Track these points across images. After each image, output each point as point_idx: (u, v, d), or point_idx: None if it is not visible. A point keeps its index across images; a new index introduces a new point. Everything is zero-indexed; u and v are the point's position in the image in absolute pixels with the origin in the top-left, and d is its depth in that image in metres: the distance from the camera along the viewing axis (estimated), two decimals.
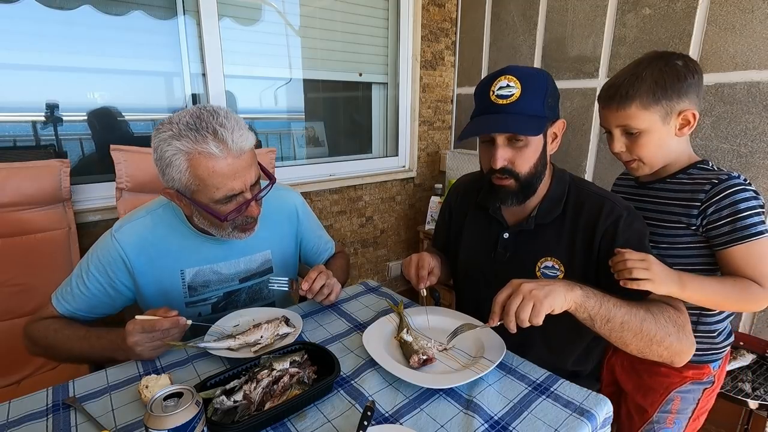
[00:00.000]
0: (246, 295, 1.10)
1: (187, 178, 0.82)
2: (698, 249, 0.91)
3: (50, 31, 1.47)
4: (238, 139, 0.83)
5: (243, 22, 1.88)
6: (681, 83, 0.86)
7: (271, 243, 1.11)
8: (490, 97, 0.87)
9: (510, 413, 0.71)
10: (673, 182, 0.94)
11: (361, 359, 0.86)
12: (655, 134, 0.89)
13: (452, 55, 2.59)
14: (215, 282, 1.04)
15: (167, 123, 0.82)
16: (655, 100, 0.86)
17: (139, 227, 0.96)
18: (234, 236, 0.95)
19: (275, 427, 0.68)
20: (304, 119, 2.25)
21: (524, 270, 0.97)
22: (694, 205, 0.87)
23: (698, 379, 0.97)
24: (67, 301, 0.94)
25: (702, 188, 0.87)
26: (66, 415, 0.71)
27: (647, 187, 0.99)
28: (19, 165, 1.28)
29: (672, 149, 0.92)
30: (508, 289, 0.76)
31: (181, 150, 0.80)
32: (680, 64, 0.87)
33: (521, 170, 0.90)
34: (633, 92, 0.87)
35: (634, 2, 1.73)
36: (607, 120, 0.94)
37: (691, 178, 0.91)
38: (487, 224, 1.05)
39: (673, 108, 0.87)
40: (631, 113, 0.88)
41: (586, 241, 0.91)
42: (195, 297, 1.03)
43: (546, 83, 0.88)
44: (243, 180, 0.86)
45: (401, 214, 2.61)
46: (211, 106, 0.86)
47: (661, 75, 0.86)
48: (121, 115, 1.70)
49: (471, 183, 1.15)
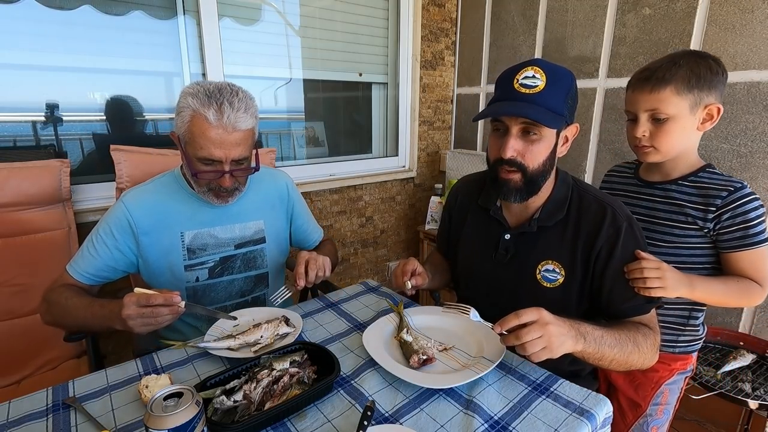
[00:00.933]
0: (241, 261, 1.17)
1: (185, 129, 0.96)
2: (705, 249, 0.96)
3: (50, 31, 1.47)
4: (235, 119, 0.94)
5: (243, 22, 1.88)
6: (713, 77, 0.89)
7: (263, 214, 1.20)
8: (513, 84, 0.86)
9: (510, 413, 0.71)
10: (686, 185, 0.97)
11: (361, 359, 0.86)
12: (680, 122, 0.91)
13: (452, 55, 2.59)
14: (212, 246, 1.12)
15: (196, 84, 0.97)
16: (689, 87, 0.88)
17: (144, 193, 1.07)
18: (208, 197, 1.05)
19: (275, 427, 0.68)
20: (304, 119, 2.25)
21: (524, 272, 0.97)
22: (710, 209, 0.92)
23: (683, 370, 1.06)
24: (78, 264, 1.02)
25: (719, 194, 0.91)
26: (66, 415, 0.71)
27: (655, 187, 1.02)
28: (19, 165, 1.28)
29: (690, 142, 0.95)
30: (533, 316, 0.73)
31: (190, 106, 0.94)
32: (712, 61, 0.90)
33: (530, 164, 0.88)
34: (669, 76, 0.89)
35: (634, 2, 1.73)
36: (636, 103, 0.94)
37: (703, 181, 0.95)
38: (487, 225, 1.04)
39: (702, 99, 0.89)
40: (664, 97, 0.89)
41: (587, 247, 0.91)
42: (194, 260, 1.10)
43: (571, 83, 0.87)
44: (225, 152, 0.96)
45: (401, 214, 2.61)
46: (238, 87, 0.99)
47: (698, 65, 0.89)
48: (132, 113, 1.71)
49: (471, 184, 1.14)
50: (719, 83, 0.90)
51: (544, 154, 0.88)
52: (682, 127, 0.91)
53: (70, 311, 0.94)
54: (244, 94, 0.98)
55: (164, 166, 1.34)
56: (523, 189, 0.91)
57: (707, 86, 0.88)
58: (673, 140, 0.92)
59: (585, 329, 0.78)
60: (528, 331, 0.71)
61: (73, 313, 0.94)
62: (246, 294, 1.20)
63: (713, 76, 0.89)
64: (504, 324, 0.73)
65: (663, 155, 0.95)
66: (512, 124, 0.86)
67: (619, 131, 1.85)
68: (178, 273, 1.08)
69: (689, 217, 0.95)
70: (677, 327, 1.04)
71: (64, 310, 0.95)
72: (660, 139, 0.93)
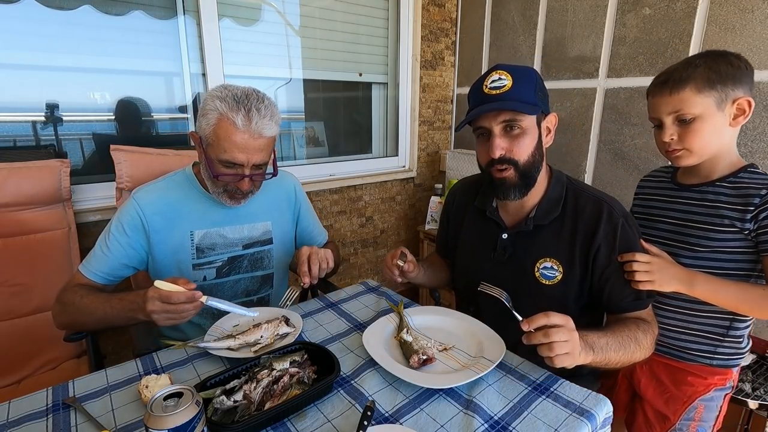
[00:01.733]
0: (248, 261, 1.17)
1: (210, 131, 0.97)
2: (746, 254, 0.89)
3: (50, 31, 1.47)
4: (261, 125, 0.96)
5: (243, 22, 1.88)
6: (735, 71, 0.85)
7: (271, 215, 1.21)
8: (483, 90, 0.90)
9: (510, 413, 0.71)
10: (723, 185, 0.91)
11: (361, 359, 0.86)
12: (709, 121, 0.86)
13: (452, 55, 2.59)
14: (221, 245, 1.12)
15: (223, 87, 0.98)
16: (710, 84, 0.84)
17: (156, 190, 1.08)
18: (222, 198, 1.05)
19: (275, 427, 0.68)
20: (304, 119, 2.25)
21: (523, 271, 0.98)
22: (749, 209, 0.86)
23: (721, 386, 0.97)
24: (91, 264, 1.02)
25: (758, 192, 0.85)
26: (66, 415, 0.71)
27: (692, 190, 0.96)
28: (19, 165, 1.28)
29: (725, 140, 0.90)
30: (561, 320, 0.72)
31: (217, 109, 0.95)
32: (732, 57, 0.87)
33: (520, 158, 0.91)
34: (686, 76, 0.86)
35: (634, 2, 1.73)
36: (658, 108, 0.91)
37: (743, 181, 0.89)
38: (485, 226, 1.06)
39: (729, 95, 0.85)
40: (686, 97, 0.86)
41: (586, 245, 0.92)
42: (202, 259, 1.10)
43: (535, 77, 0.92)
44: (248, 157, 0.98)
45: (401, 214, 2.61)
46: (263, 93, 1.01)
47: (715, 62, 0.85)
48: (133, 113, 1.71)
49: (468, 186, 1.16)
50: (744, 76, 0.86)
51: (530, 145, 0.91)
52: (713, 126, 0.86)
53: (87, 309, 0.94)
54: (269, 102, 0.99)
55: (164, 166, 1.34)
56: (520, 183, 0.93)
57: (731, 81, 0.84)
58: (704, 140, 0.87)
59: (592, 340, 0.78)
60: (557, 331, 0.71)
61: (89, 309, 0.93)
62: (251, 294, 1.20)
63: (735, 71, 0.85)
64: (532, 322, 0.73)
65: (697, 156, 0.90)
66: (493, 125, 0.90)
67: (619, 131, 1.85)
68: (186, 272, 1.09)
69: (726, 219, 0.88)
70: (715, 337, 0.96)
71: (79, 310, 0.94)
72: (690, 139, 0.88)
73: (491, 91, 0.89)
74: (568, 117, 2.02)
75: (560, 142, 2.06)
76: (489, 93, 0.89)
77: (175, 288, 0.81)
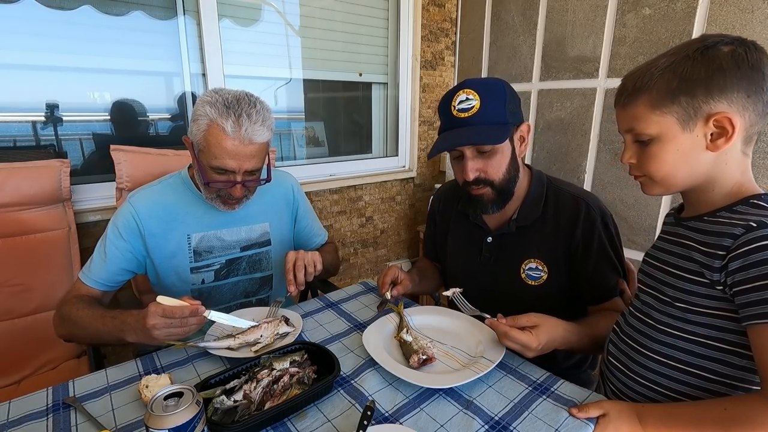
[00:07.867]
0: (246, 263, 1.17)
1: (201, 137, 0.95)
2: (726, 319, 0.63)
3: (50, 31, 1.47)
4: (252, 131, 0.94)
5: (243, 23, 1.88)
6: (715, 76, 0.60)
7: (269, 216, 1.19)
8: (452, 112, 0.90)
9: (510, 413, 0.71)
10: (708, 221, 0.67)
11: (361, 359, 0.86)
12: (670, 144, 0.64)
13: (452, 55, 2.59)
14: (218, 248, 1.12)
15: (215, 92, 0.96)
16: (670, 96, 0.62)
17: (151, 193, 1.07)
18: (216, 203, 1.04)
19: (275, 426, 0.68)
20: (304, 119, 2.25)
21: (510, 273, 1.00)
22: (717, 253, 0.62)
23: None
24: (90, 271, 1.01)
25: (732, 231, 0.61)
26: (66, 414, 0.71)
27: (681, 225, 0.73)
28: (19, 165, 1.28)
29: (705, 167, 0.65)
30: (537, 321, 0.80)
31: (208, 115, 0.93)
32: (724, 51, 0.60)
33: (494, 177, 0.93)
34: (641, 85, 0.64)
35: (634, 2, 1.73)
36: (618, 122, 0.72)
37: (731, 216, 0.64)
38: (470, 230, 1.08)
39: (699, 109, 0.61)
40: (638, 113, 0.66)
41: (566, 242, 0.95)
42: (200, 262, 1.10)
43: (504, 90, 0.91)
44: (239, 163, 0.95)
45: (401, 214, 2.61)
46: (256, 97, 0.99)
47: (686, 63, 0.61)
48: (134, 113, 1.71)
49: (451, 190, 1.17)
50: (732, 82, 0.59)
51: (504, 163, 0.93)
52: (676, 150, 0.64)
53: (82, 323, 0.92)
54: (261, 106, 0.97)
55: (164, 166, 1.34)
56: (497, 199, 0.96)
57: (703, 90, 0.60)
58: (667, 166, 0.66)
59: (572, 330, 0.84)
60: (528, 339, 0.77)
61: (83, 323, 0.92)
62: (250, 295, 1.20)
63: (715, 75, 0.59)
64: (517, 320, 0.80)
65: (662, 187, 0.69)
66: (465, 149, 0.91)
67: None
68: (184, 275, 1.08)
69: (695, 263, 0.65)
70: None
71: (75, 324, 0.93)
72: (648, 165, 0.68)
73: (459, 114, 0.89)
74: (568, 117, 2.01)
75: (560, 142, 2.06)
76: (458, 116, 0.89)
77: (179, 303, 0.81)
